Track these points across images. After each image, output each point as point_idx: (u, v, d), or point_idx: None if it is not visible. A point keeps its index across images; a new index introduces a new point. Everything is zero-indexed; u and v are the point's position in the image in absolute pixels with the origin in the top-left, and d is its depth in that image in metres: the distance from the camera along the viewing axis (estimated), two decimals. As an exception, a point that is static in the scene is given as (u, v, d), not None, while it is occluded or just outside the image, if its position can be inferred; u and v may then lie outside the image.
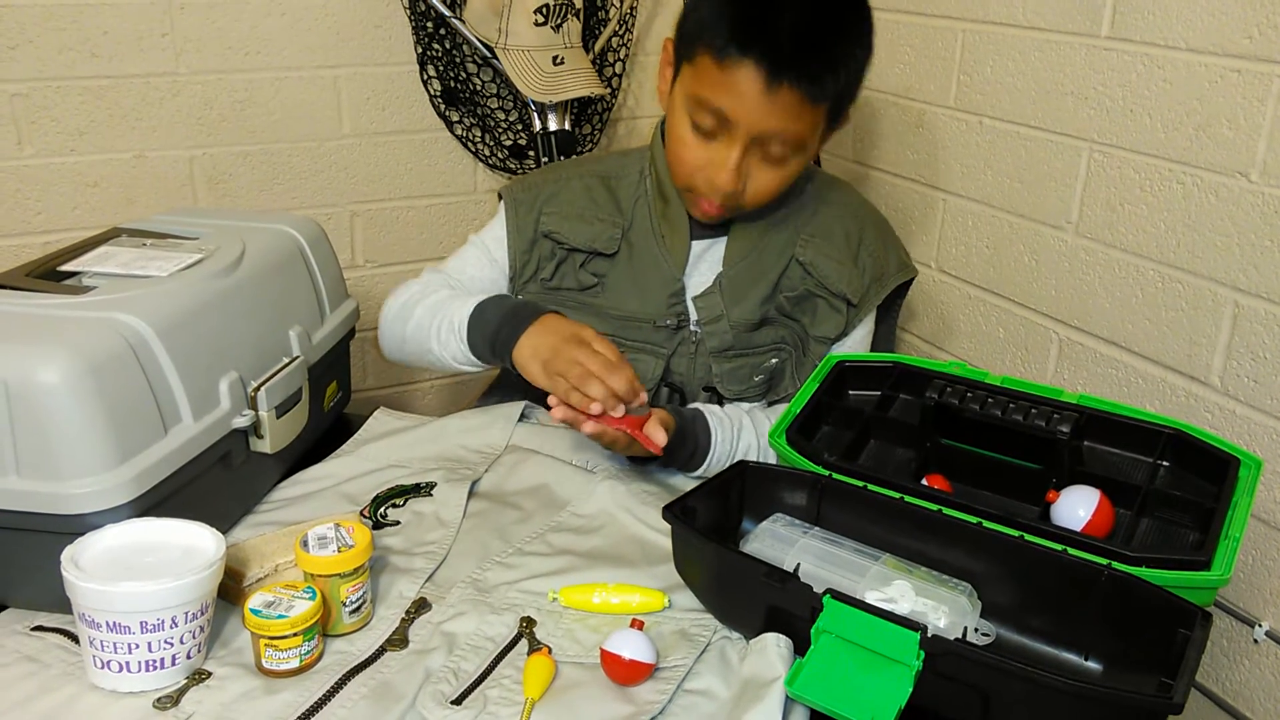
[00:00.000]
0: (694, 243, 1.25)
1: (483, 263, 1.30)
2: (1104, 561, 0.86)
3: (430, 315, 1.23)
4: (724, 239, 1.25)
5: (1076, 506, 0.95)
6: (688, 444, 1.14)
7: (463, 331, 1.18)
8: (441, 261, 1.34)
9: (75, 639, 0.85)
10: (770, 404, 1.27)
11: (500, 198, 1.31)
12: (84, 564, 0.82)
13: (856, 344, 1.28)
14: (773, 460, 1.18)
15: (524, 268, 1.27)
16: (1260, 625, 1.20)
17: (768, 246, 1.24)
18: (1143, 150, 1.26)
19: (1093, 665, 0.87)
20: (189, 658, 0.83)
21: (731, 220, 1.24)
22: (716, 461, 1.17)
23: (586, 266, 1.25)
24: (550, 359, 1.08)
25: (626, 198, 1.27)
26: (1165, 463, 1.01)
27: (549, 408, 1.06)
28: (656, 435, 1.06)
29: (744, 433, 1.18)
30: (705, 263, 1.25)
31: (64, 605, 0.83)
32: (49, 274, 1.03)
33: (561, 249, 1.25)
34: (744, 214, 1.22)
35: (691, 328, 1.24)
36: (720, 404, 1.25)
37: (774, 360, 1.24)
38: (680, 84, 1.16)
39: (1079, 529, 0.94)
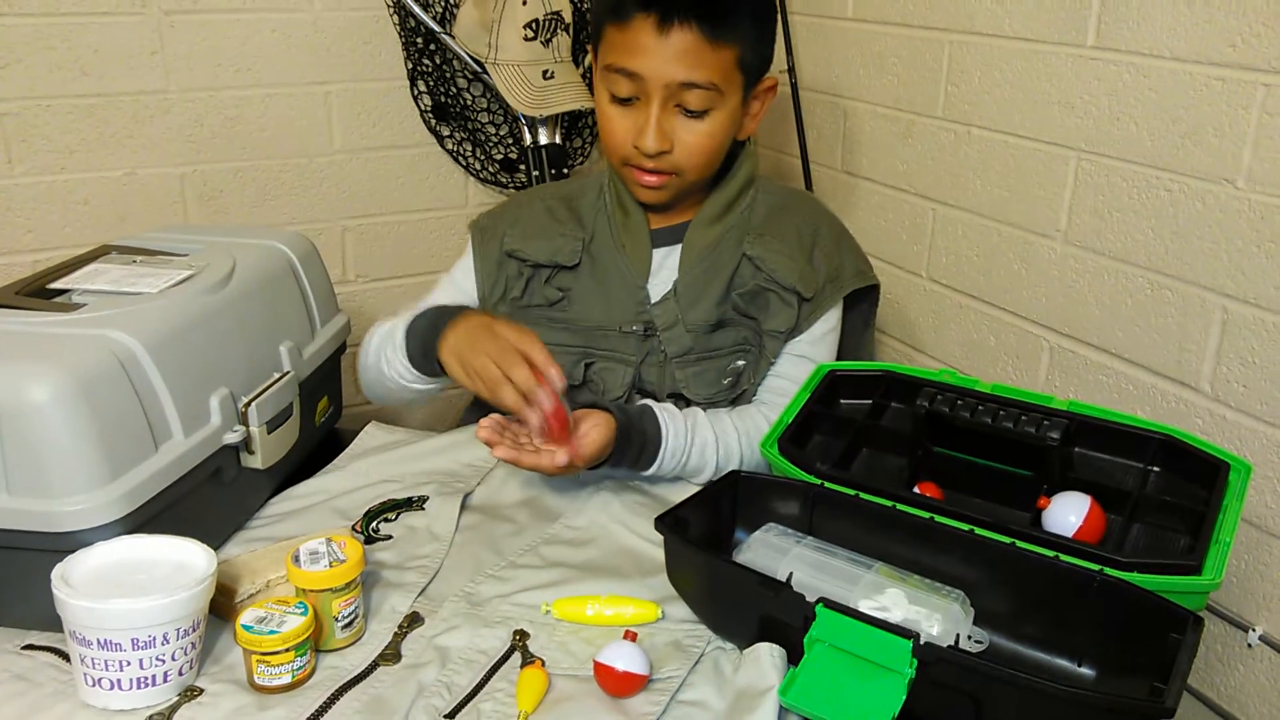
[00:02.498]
0: (655, 251, 1.26)
1: (450, 293, 1.32)
2: (1095, 567, 0.86)
3: (380, 342, 1.25)
4: (679, 246, 1.26)
5: (1068, 513, 0.96)
6: (634, 440, 1.13)
7: (402, 345, 1.19)
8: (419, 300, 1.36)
9: (66, 657, 0.85)
10: (731, 403, 1.27)
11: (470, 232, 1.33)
12: (74, 581, 0.82)
13: (815, 341, 1.26)
14: (736, 456, 1.18)
15: (493, 289, 1.29)
16: (1254, 630, 1.20)
17: (721, 251, 1.25)
18: (1130, 158, 1.27)
19: (1086, 671, 0.87)
20: (180, 675, 0.83)
21: (686, 222, 1.26)
22: (671, 455, 1.16)
23: (551, 281, 1.27)
24: (466, 356, 1.09)
25: (588, 212, 1.30)
26: (1156, 468, 1.01)
27: None
28: (579, 445, 1.06)
29: (699, 428, 1.18)
30: (665, 270, 1.27)
31: (54, 623, 0.82)
32: (39, 292, 1.03)
33: (526, 267, 1.27)
34: (688, 190, 1.23)
35: (659, 336, 1.24)
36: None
37: (740, 362, 1.25)
38: (596, 67, 1.20)
39: (1070, 535, 0.94)
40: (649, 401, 1.19)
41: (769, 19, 1.22)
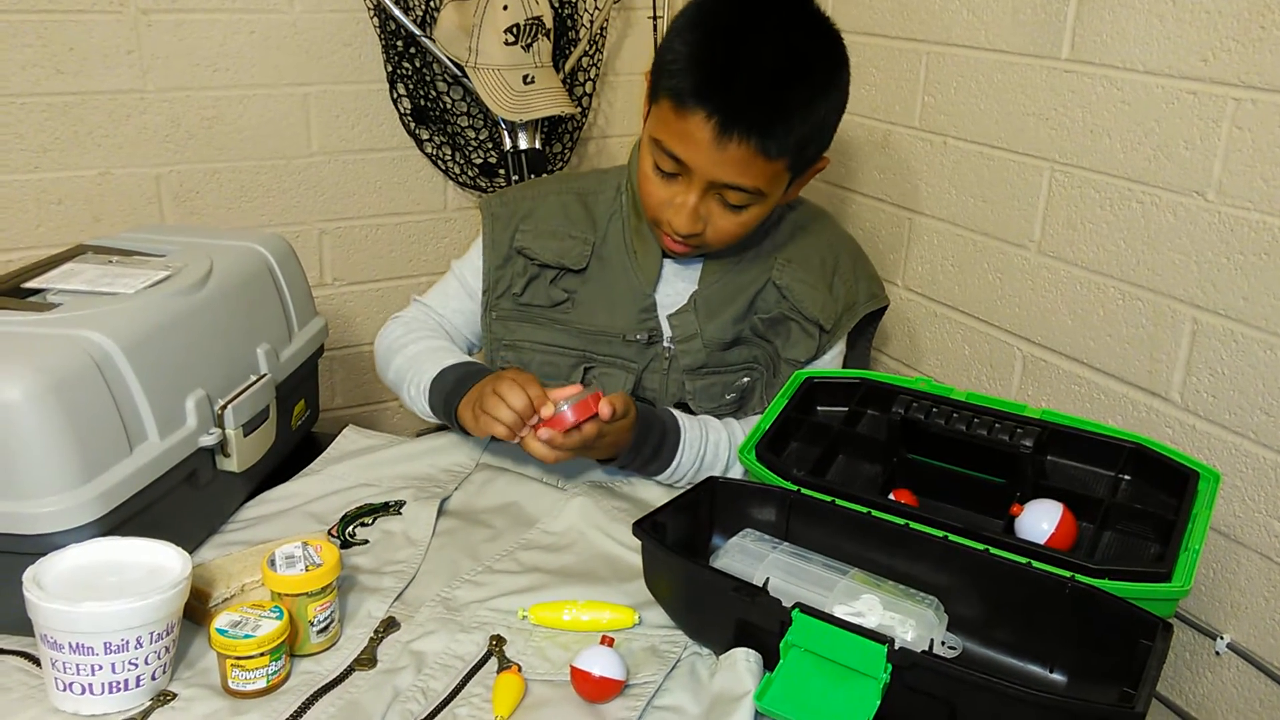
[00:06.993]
0: (666, 259, 1.26)
1: (461, 295, 1.32)
2: (1067, 574, 0.87)
3: (408, 366, 1.25)
4: (700, 259, 1.26)
5: (1040, 520, 0.97)
6: (654, 428, 1.15)
7: (426, 393, 1.20)
8: (426, 292, 1.36)
9: (36, 661, 0.84)
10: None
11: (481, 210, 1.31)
12: (46, 584, 0.81)
13: (826, 366, 1.29)
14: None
15: (497, 283, 1.28)
16: (1222, 637, 1.21)
17: (744, 267, 1.25)
18: (1102, 170, 1.29)
19: (1057, 677, 0.88)
20: (154, 679, 0.82)
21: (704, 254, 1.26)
22: (689, 446, 1.17)
23: (557, 282, 1.26)
24: (477, 399, 1.10)
25: (602, 213, 1.28)
26: (1126, 476, 1.02)
27: None
28: (603, 408, 1.06)
29: (710, 425, 1.20)
30: (680, 280, 1.26)
31: (24, 627, 0.82)
32: (13, 291, 1.01)
33: (533, 265, 1.26)
34: (714, 252, 1.23)
35: (665, 344, 1.25)
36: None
37: (746, 379, 1.25)
38: (648, 122, 1.17)
39: (1043, 542, 0.95)
40: (667, 407, 1.21)
41: (834, 123, 1.16)
